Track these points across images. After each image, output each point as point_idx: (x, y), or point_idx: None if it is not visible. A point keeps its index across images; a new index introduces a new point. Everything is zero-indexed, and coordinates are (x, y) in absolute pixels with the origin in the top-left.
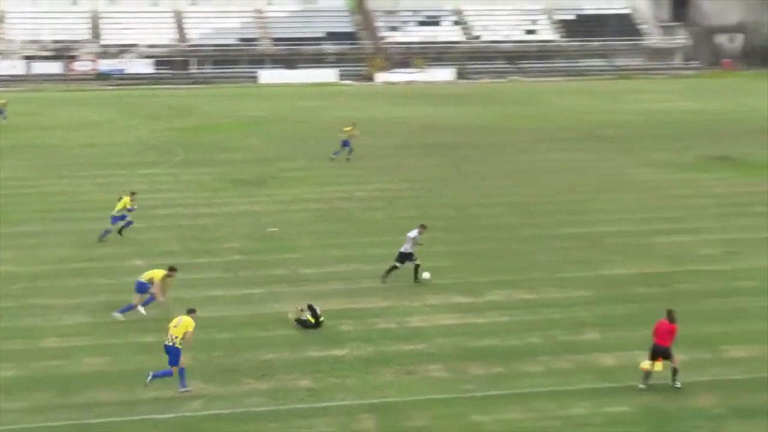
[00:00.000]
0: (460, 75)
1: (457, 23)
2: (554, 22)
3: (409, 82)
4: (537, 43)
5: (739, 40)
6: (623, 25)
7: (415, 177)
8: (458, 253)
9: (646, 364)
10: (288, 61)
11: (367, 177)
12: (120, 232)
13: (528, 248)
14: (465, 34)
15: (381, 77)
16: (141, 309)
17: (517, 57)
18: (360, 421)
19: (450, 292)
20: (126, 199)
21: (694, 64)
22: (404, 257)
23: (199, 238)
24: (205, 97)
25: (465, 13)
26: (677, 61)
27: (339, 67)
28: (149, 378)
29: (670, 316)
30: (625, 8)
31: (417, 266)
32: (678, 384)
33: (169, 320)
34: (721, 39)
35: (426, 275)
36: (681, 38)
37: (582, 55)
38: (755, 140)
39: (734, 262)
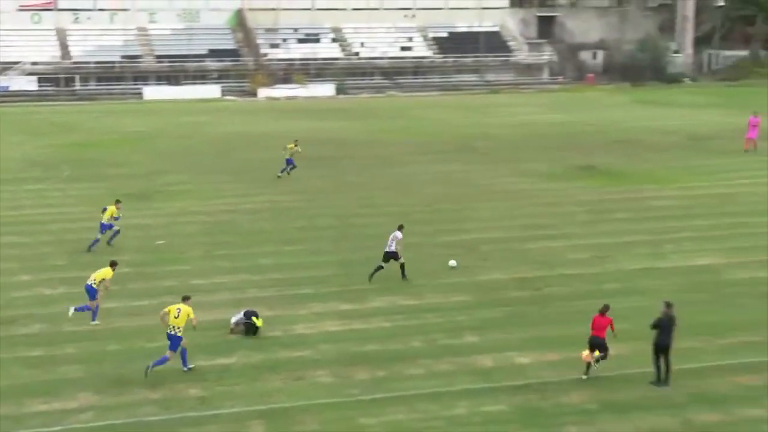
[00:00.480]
0: (340, 90)
1: (335, 40)
2: (428, 40)
3: (290, 98)
4: (412, 60)
5: (600, 56)
6: (493, 42)
7: (299, 189)
8: (343, 261)
9: (586, 354)
10: (172, 78)
11: (253, 189)
12: (109, 242)
13: (409, 255)
14: (344, 50)
15: (263, 93)
16: (71, 310)
17: (394, 73)
18: (250, 427)
19: (335, 299)
20: (112, 208)
21: (560, 79)
22: (389, 256)
23: (87, 251)
24: (89, 114)
25: (344, 30)
26: (545, 76)
27: (222, 83)
28: (150, 367)
29: (603, 311)
30: (494, 26)
31: (402, 264)
32: (590, 374)
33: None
34: (585, 55)
35: (452, 263)
36: (547, 54)
37: (455, 71)
38: (616, 151)
39: (601, 266)
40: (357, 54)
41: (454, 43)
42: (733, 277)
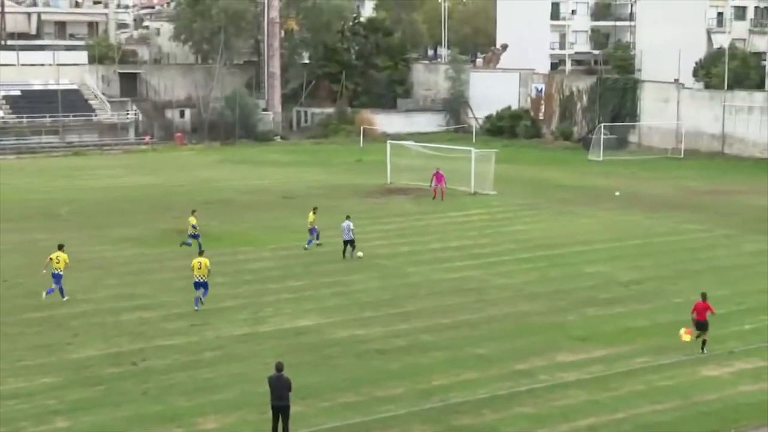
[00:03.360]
0: None
1: None
2: (0, 99)
3: None
4: None
5: (188, 114)
6: (73, 101)
7: None
8: None
9: (687, 335)
10: None
11: None
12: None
13: None
14: None
15: None
16: (44, 295)
17: None
18: None
19: None
20: (191, 219)
21: (147, 138)
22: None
23: None
24: None
25: None
26: (131, 136)
27: None
28: (197, 306)
29: (703, 296)
30: (72, 84)
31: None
32: (706, 352)
33: None
34: (172, 114)
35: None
36: (132, 113)
37: (32, 132)
38: (209, 212)
39: (200, 334)
40: None
41: (29, 102)
42: (332, 336)
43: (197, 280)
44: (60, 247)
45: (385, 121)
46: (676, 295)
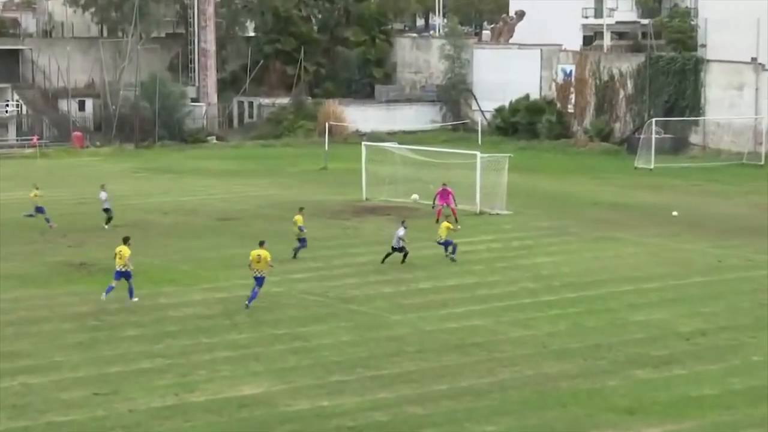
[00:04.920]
0: None
1: None
2: None
3: None
4: None
5: (91, 106)
6: None
7: None
8: None
9: None
10: None
11: None
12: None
13: None
14: None
15: None
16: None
17: None
18: None
19: None
20: (298, 217)
21: (35, 140)
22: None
23: None
24: None
25: None
26: (11, 136)
27: None
28: (248, 303)
29: None
30: None
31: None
32: None
33: None
34: (69, 105)
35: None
36: (13, 105)
37: None
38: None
39: (107, 407)
40: None
41: None
42: (288, 409)
43: (255, 275)
44: (125, 240)
45: (358, 116)
46: (755, 352)
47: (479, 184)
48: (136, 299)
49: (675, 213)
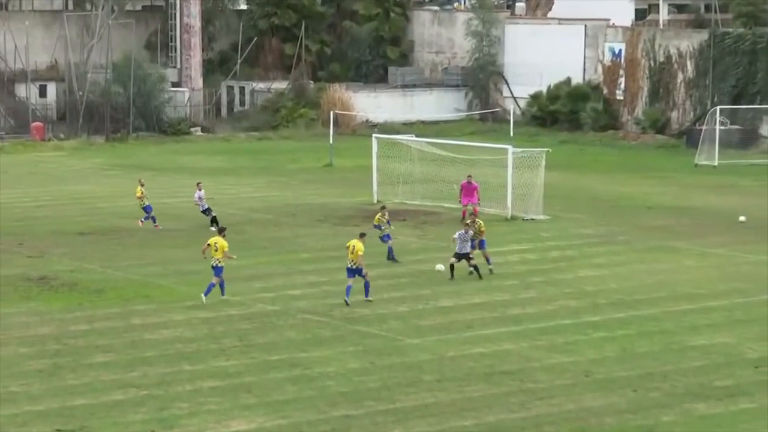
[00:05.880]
0: None
1: None
2: None
3: None
4: None
5: (54, 92)
6: None
7: None
8: None
9: None
10: None
11: None
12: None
13: None
14: None
15: None
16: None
17: None
18: None
19: None
20: (378, 216)
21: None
22: (461, 257)
23: None
24: None
25: None
26: None
27: None
28: (367, 298)
29: None
30: None
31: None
32: None
33: None
34: (28, 91)
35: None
36: None
37: None
38: (86, 248)
39: None
40: None
41: None
42: None
43: (350, 266)
44: (220, 231)
45: (369, 104)
46: None
47: (511, 184)
48: (226, 297)
49: (743, 218)
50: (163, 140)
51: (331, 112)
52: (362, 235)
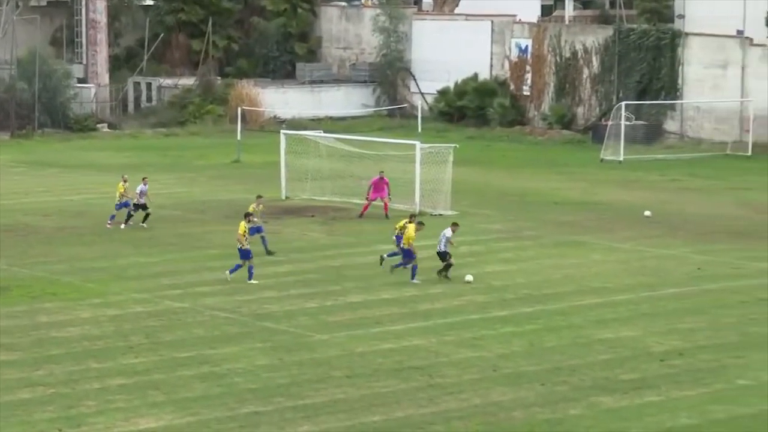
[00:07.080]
0: None
1: None
2: None
3: None
4: None
5: None
6: None
7: None
8: None
9: None
10: None
11: None
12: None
13: None
14: None
15: None
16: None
17: None
18: None
19: None
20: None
21: None
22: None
23: None
24: None
25: None
26: None
27: None
28: (415, 280)
29: None
30: None
31: (449, 266)
32: None
33: None
34: None
35: (468, 278)
36: None
37: None
38: None
39: None
40: None
41: None
42: None
43: (403, 246)
44: (246, 216)
45: (276, 99)
46: (741, 375)
47: (419, 179)
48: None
49: (648, 213)
50: (70, 137)
51: (239, 108)
52: (420, 223)
